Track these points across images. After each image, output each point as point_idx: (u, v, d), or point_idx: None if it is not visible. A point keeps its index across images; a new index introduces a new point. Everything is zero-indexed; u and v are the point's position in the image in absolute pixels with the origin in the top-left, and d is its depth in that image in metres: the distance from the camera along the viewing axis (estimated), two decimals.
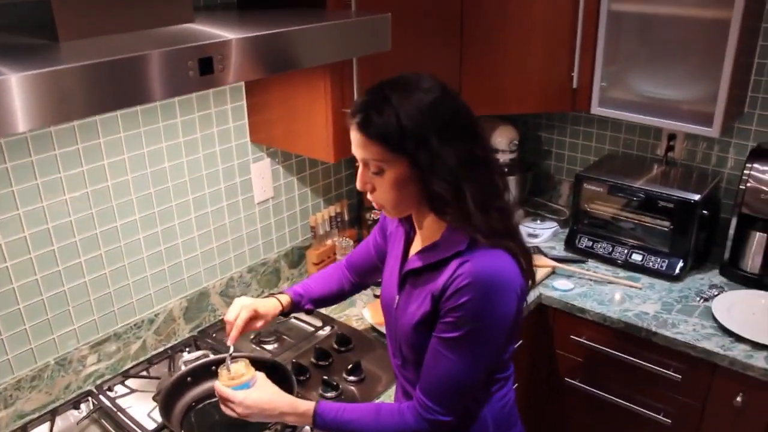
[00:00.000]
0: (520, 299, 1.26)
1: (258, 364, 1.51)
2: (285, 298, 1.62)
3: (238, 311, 1.51)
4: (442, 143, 1.18)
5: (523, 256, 1.27)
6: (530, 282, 1.30)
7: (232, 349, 1.50)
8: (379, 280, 1.56)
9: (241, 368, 1.45)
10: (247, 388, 1.40)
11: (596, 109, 2.23)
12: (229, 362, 1.45)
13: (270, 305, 1.58)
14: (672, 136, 2.40)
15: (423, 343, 1.30)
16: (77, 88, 1.06)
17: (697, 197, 2.15)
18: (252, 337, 2.00)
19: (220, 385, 1.41)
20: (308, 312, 1.69)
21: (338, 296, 1.70)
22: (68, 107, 1.06)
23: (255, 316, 1.55)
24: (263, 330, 1.98)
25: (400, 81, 1.23)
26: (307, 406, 1.36)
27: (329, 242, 2.33)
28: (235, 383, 1.41)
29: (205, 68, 1.25)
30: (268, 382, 1.45)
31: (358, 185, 1.29)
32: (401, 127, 1.18)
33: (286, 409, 1.37)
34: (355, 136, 1.24)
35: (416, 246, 1.38)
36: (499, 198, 1.27)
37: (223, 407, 1.42)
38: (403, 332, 1.36)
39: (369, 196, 1.31)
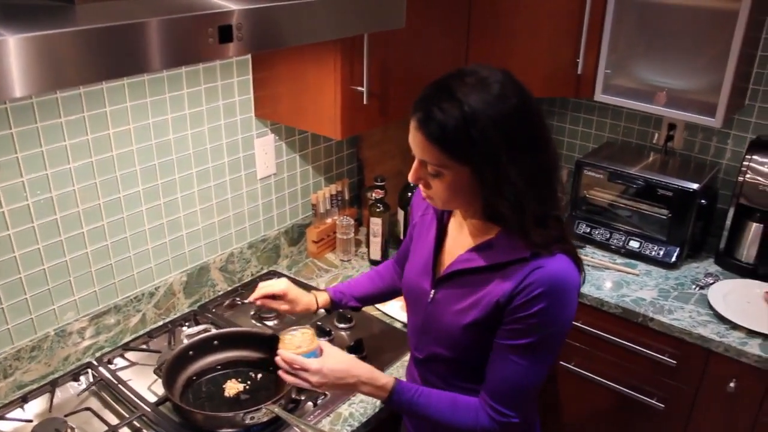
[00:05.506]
0: (577, 296, 1.25)
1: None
2: (322, 296, 1.62)
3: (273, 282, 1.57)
4: (510, 160, 1.10)
5: (576, 255, 1.24)
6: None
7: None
8: None
9: (307, 336, 1.40)
10: (315, 357, 1.34)
11: (600, 96, 2.24)
12: (294, 330, 1.43)
13: (304, 297, 1.59)
14: (672, 126, 2.42)
15: (471, 343, 1.27)
16: (91, 52, 1.04)
17: (696, 186, 2.17)
18: (252, 313, 1.99)
19: (289, 353, 1.33)
20: (355, 309, 1.70)
21: (389, 292, 1.68)
22: (80, 72, 1.04)
23: (282, 296, 1.56)
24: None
25: (473, 78, 1.11)
26: (386, 379, 1.32)
27: (329, 221, 2.32)
28: (302, 351, 1.34)
29: (224, 36, 1.23)
30: (340, 350, 1.39)
31: (411, 179, 1.21)
32: (470, 137, 1.08)
33: (365, 378, 1.31)
34: (414, 134, 1.15)
35: (458, 238, 1.32)
36: (556, 207, 1.23)
37: (285, 376, 1.34)
38: (445, 331, 1.30)
39: (421, 190, 1.25)
